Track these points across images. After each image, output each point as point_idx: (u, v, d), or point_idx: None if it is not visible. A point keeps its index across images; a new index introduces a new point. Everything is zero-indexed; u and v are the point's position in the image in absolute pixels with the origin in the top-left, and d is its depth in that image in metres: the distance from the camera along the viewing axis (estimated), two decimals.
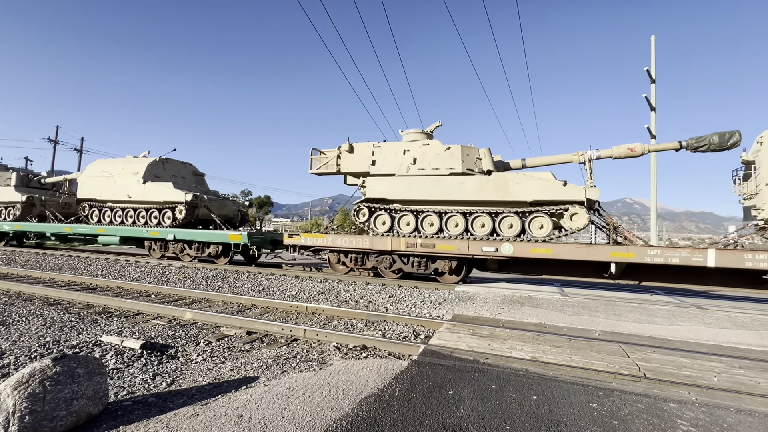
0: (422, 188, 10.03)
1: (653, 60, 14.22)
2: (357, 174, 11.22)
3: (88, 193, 15.37)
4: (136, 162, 14.85)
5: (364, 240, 10.27)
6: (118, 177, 14.71)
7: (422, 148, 10.38)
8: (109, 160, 15.96)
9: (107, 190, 14.92)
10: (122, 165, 15.01)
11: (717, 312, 7.02)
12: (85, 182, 15.46)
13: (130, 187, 14.37)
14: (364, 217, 10.72)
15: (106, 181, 14.97)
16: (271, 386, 3.25)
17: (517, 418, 2.75)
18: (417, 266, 10.09)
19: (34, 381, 2.38)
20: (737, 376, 3.72)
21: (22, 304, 6.46)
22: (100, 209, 15.33)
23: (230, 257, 13.04)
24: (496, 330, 5.24)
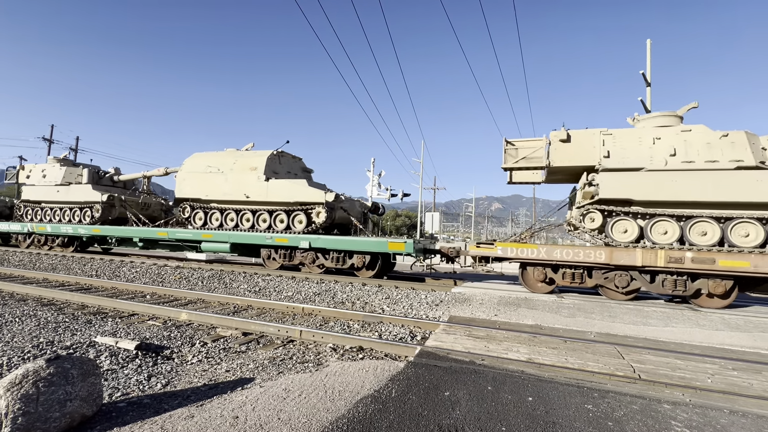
0: (691, 186, 7.83)
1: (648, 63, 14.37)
2: (574, 169, 9.12)
3: (190, 192, 12.88)
4: (252, 156, 12.52)
5: (599, 252, 8.04)
6: (231, 173, 12.34)
7: (682, 135, 8.14)
8: (213, 154, 13.36)
9: (216, 189, 12.46)
10: (233, 159, 12.57)
11: (711, 314, 7.07)
12: (186, 179, 12.97)
13: (249, 185, 11.98)
14: (595, 224, 8.53)
15: (214, 178, 12.55)
16: (267, 387, 3.24)
17: (513, 419, 2.76)
18: (673, 285, 7.84)
19: (27, 382, 2.36)
20: (731, 378, 3.75)
21: (16, 304, 6.40)
22: (206, 211, 12.82)
23: (377, 270, 10.83)
24: (492, 331, 5.25)
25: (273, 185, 11.72)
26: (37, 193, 16.48)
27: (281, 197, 11.57)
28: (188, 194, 12.93)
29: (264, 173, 11.85)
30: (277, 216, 11.73)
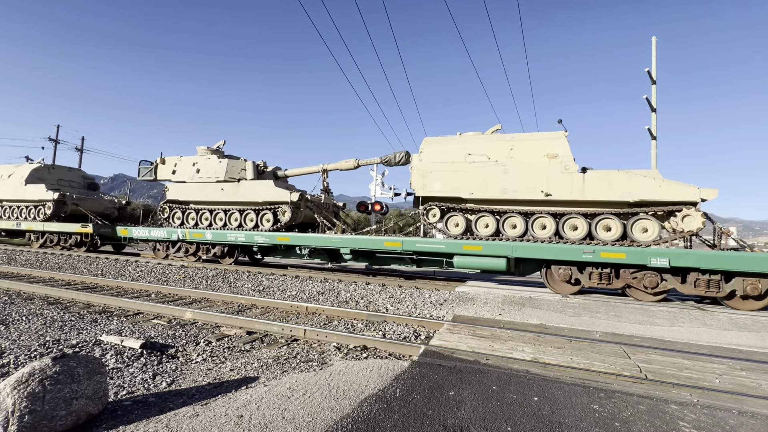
0: None
1: (654, 61, 14.23)
2: None
3: (440, 190, 9.62)
4: (545, 139, 9.07)
5: None
6: (512, 163, 9.10)
7: None
8: (463, 138, 9.87)
9: (491, 184, 9.19)
10: (506, 144, 9.26)
11: (718, 313, 7.00)
12: (433, 172, 9.66)
13: (553, 180, 8.74)
14: None
15: (483, 170, 9.29)
16: (271, 386, 3.24)
17: (518, 419, 2.74)
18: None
19: (33, 380, 2.37)
20: (739, 378, 3.71)
21: (23, 303, 6.46)
22: (472, 214, 9.53)
23: None
24: (496, 331, 5.23)
25: (591, 179, 8.57)
26: (187, 191, 13.51)
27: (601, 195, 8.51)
28: (437, 191, 9.66)
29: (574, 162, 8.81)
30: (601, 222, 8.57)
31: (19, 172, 17.47)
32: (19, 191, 17.07)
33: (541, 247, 8.56)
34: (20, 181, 17.10)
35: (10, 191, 17.49)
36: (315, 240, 10.94)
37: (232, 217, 12.86)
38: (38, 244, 16.84)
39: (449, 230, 9.66)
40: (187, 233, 12.61)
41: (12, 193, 17.37)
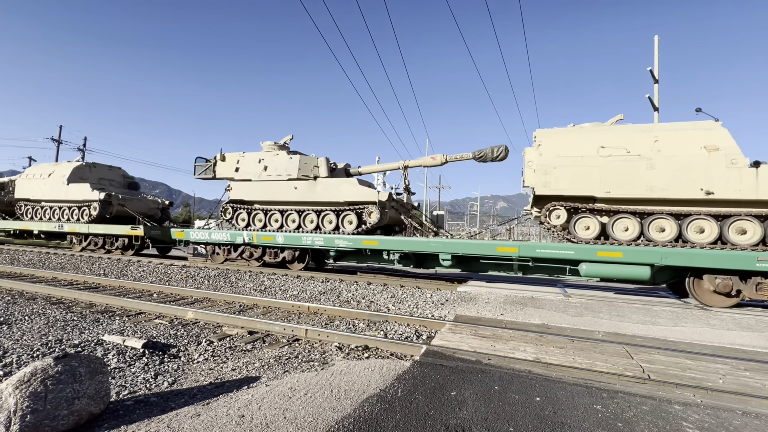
0: None
1: (656, 60, 14.19)
2: None
3: (566, 187, 8.50)
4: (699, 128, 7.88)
5: None
6: (660, 156, 7.94)
7: None
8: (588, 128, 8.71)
9: (633, 181, 8.08)
10: (649, 134, 8.09)
11: (721, 313, 6.97)
12: (557, 168, 8.54)
13: (715, 176, 7.59)
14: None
15: (622, 165, 8.12)
16: (272, 386, 3.24)
17: (521, 419, 2.73)
18: None
19: (36, 380, 2.38)
20: (743, 378, 3.69)
21: (25, 302, 6.48)
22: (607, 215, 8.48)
23: None
24: (498, 330, 5.22)
25: None
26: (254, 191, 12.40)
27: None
28: (561, 189, 8.59)
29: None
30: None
31: (60, 170, 16.33)
32: (60, 191, 15.91)
33: (702, 254, 7.33)
34: (62, 181, 15.92)
35: (51, 191, 16.24)
36: (408, 244, 9.82)
37: (306, 219, 11.67)
38: (80, 248, 15.89)
39: (577, 233, 8.57)
40: (254, 236, 11.46)
41: (53, 192, 16.16)
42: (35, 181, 16.60)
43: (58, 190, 15.96)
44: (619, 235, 8.31)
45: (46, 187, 16.30)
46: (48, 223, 15.99)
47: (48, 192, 16.24)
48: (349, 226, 11.10)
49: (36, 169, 17.32)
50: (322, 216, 11.55)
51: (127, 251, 14.97)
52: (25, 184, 16.92)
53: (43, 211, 16.52)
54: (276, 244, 11.33)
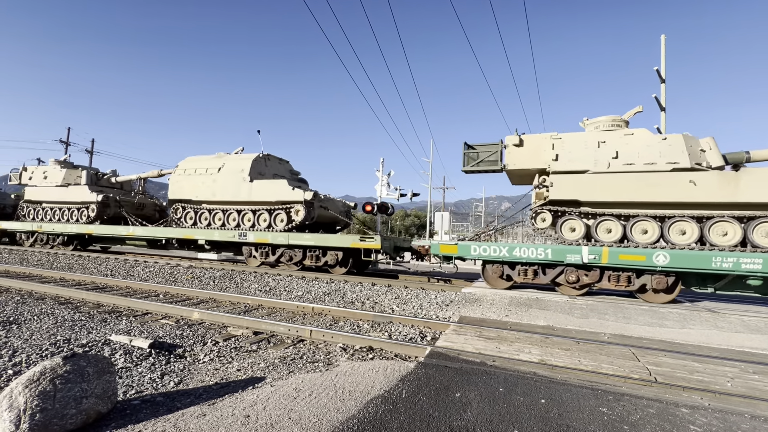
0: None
1: (663, 60, 14.07)
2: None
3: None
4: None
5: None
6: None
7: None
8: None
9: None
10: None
11: (729, 315, 6.89)
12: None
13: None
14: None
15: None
16: (277, 387, 3.26)
17: (525, 421, 2.72)
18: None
19: (45, 379, 2.41)
20: (751, 382, 3.64)
21: (34, 303, 6.56)
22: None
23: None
24: (503, 332, 5.20)
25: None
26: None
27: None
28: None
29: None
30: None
31: (234, 163, 12.92)
32: (241, 190, 12.42)
33: None
34: (241, 176, 12.52)
35: (228, 190, 12.71)
36: None
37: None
38: (258, 263, 12.22)
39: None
40: None
41: (230, 192, 12.61)
42: (198, 177, 13.41)
43: (237, 188, 12.54)
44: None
45: (216, 184, 12.96)
46: (224, 232, 12.37)
47: (220, 191, 12.87)
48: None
49: (195, 162, 13.79)
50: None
51: (341, 268, 11.03)
52: (183, 183, 13.66)
53: (212, 216, 13.19)
54: None
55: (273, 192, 12.17)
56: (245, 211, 12.69)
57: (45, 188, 17.36)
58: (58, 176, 17.12)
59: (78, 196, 16.47)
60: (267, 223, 12.31)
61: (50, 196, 17.17)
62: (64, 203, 16.93)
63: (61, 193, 16.91)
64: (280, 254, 11.85)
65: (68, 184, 16.88)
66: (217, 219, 13.13)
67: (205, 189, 13.19)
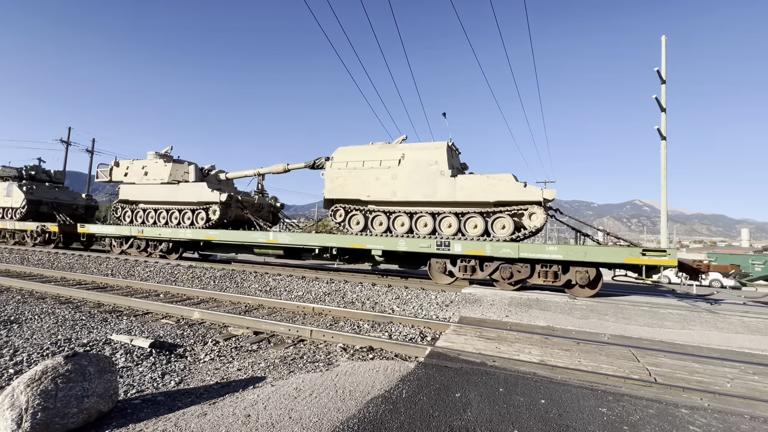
0: None
1: (663, 61, 14.06)
2: None
3: None
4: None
5: None
6: None
7: None
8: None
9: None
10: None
11: (730, 316, 6.89)
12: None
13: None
14: None
15: None
16: (278, 386, 3.26)
17: (525, 422, 2.72)
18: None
19: (46, 378, 2.42)
20: (751, 383, 3.65)
21: (35, 302, 6.58)
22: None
23: None
24: (503, 332, 5.20)
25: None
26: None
27: None
28: None
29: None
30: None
31: (419, 155, 10.24)
32: (439, 187, 9.84)
33: None
34: (433, 170, 9.92)
35: (417, 187, 10.09)
36: None
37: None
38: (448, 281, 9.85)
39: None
40: None
41: (421, 190, 10.04)
42: (368, 173, 10.72)
43: (432, 185, 9.89)
44: None
45: (396, 181, 10.32)
46: (413, 240, 9.81)
47: (404, 189, 10.23)
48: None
49: (360, 153, 11.03)
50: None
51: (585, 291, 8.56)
52: (346, 179, 11.01)
53: (392, 220, 10.55)
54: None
55: (489, 189, 9.38)
56: (445, 214, 9.99)
57: (147, 186, 14.70)
58: (164, 172, 14.34)
59: (193, 195, 13.73)
60: (480, 230, 9.61)
61: (154, 195, 14.54)
62: (174, 204, 14.33)
63: (170, 192, 14.21)
64: (495, 268, 9.21)
65: (177, 180, 14.21)
66: (399, 224, 10.47)
67: (381, 186, 10.46)
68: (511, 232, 9.34)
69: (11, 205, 19.07)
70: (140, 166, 15.01)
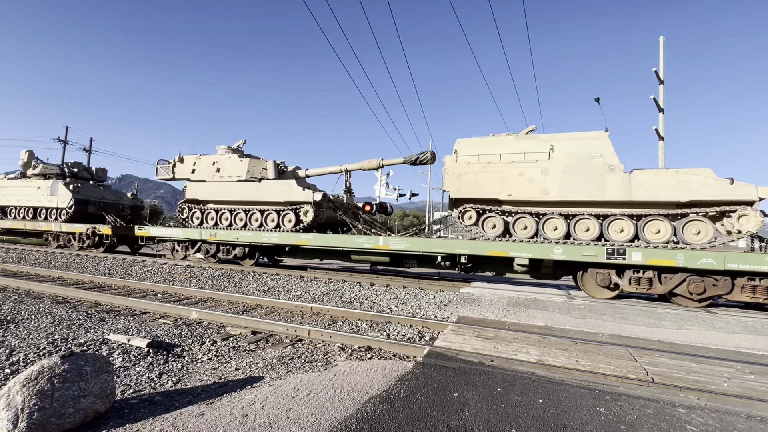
0: None
1: (661, 61, 14.11)
2: None
3: None
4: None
5: None
6: None
7: None
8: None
9: None
10: None
11: (727, 316, 6.91)
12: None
13: None
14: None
15: None
16: (275, 386, 3.26)
17: (523, 421, 2.72)
18: None
19: (42, 378, 2.41)
20: (748, 382, 3.66)
21: (32, 302, 6.55)
22: None
23: None
24: (501, 332, 5.21)
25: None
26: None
27: None
28: None
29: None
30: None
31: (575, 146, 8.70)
32: (608, 185, 8.42)
33: None
34: (597, 165, 8.38)
35: (576, 184, 8.63)
36: None
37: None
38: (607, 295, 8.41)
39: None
40: None
41: (581, 187, 8.59)
42: (506, 168, 9.24)
43: (598, 182, 8.47)
44: None
45: (547, 177, 8.83)
46: (575, 247, 8.38)
47: (557, 187, 8.75)
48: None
49: (491, 145, 9.53)
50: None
51: None
52: (478, 175, 9.46)
53: (543, 223, 9.02)
54: None
55: (681, 187, 7.90)
56: (615, 216, 8.43)
57: (221, 184, 13.12)
58: (240, 168, 12.78)
59: (280, 195, 12.18)
60: (663, 236, 8.12)
61: (230, 195, 12.98)
62: (255, 203, 12.73)
63: (250, 191, 12.67)
64: (680, 281, 7.75)
65: (257, 178, 12.63)
66: (551, 228, 8.92)
67: (527, 184, 8.92)
68: (711, 238, 7.86)
69: (56, 205, 17.12)
70: (210, 161, 13.32)
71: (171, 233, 13.72)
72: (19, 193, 18.35)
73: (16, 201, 18.32)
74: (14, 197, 18.42)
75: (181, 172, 13.79)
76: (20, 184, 18.54)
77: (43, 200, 17.51)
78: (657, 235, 8.20)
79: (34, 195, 17.84)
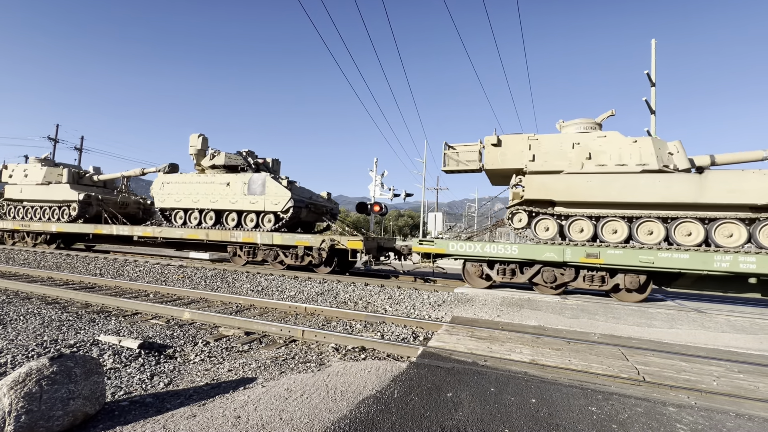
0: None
1: (653, 63, 14.28)
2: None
3: None
4: None
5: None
6: None
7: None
8: None
9: None
10: None
11: (716, 316, 7.01)
12: None
13: None
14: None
15: None
16: (269, 387, 3.24)
17: (516, 421, 2.74)
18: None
19: (30, 380, 2.37)
20: (737, 381, 3.72)
21: (20, 302, 6.44)
22: None
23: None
24: (495, 332, 5.23)
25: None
26: None
27: None
28: None
29: None
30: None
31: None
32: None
33: None
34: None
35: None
36: None
37: None
38: None
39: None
40: None
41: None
42: None
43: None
44: None
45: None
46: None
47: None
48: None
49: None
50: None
51: None
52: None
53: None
54: None
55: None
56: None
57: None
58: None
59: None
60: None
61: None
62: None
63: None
64: None
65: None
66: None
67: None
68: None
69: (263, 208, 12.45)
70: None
71: None
72: (195, 191, 13.29)
73: (192, 202, 13.32)
74: (188, 196, 13.39)
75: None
76: (191, 180, 13.51)
77: (238, 201, 12.77)
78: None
79: (220, 193, 12.91)
